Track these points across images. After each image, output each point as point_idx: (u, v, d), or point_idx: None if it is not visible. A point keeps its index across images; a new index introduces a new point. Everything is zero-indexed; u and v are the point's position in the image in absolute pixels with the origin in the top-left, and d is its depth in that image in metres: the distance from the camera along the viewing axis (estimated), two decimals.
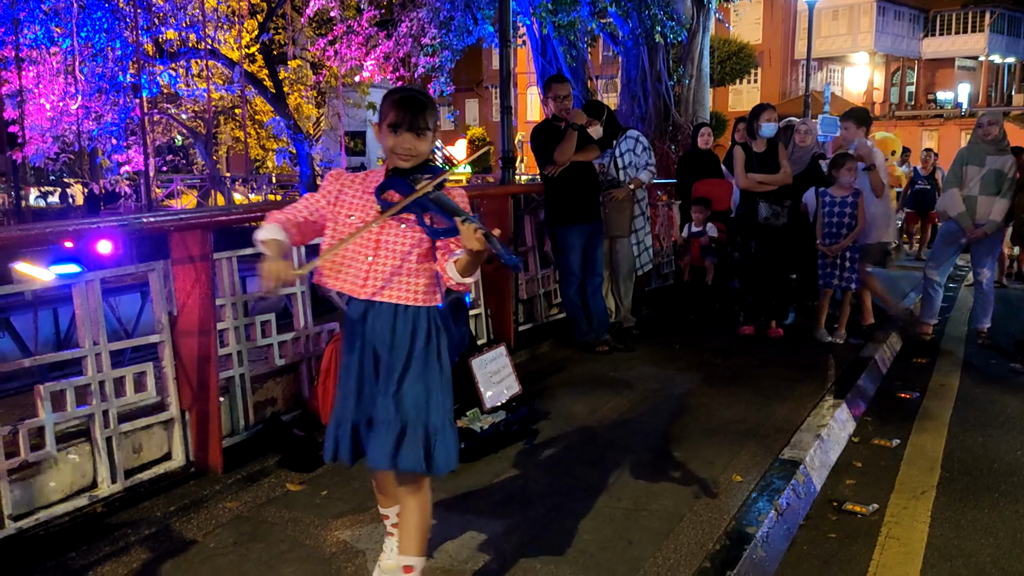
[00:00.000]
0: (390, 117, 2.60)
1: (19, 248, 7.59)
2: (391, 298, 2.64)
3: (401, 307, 2.64)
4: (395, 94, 2.67)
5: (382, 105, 2.68)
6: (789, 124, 7.72)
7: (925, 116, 38.61)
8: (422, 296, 2.66)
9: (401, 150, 2.60)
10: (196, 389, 3.90)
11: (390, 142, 2.61)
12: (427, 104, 2.63)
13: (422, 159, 2.64)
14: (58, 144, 21.87)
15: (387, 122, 2.61)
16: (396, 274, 2.63)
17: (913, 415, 5.24)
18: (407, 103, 2.60)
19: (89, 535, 3.38)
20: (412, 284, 2.65)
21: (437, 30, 17.46)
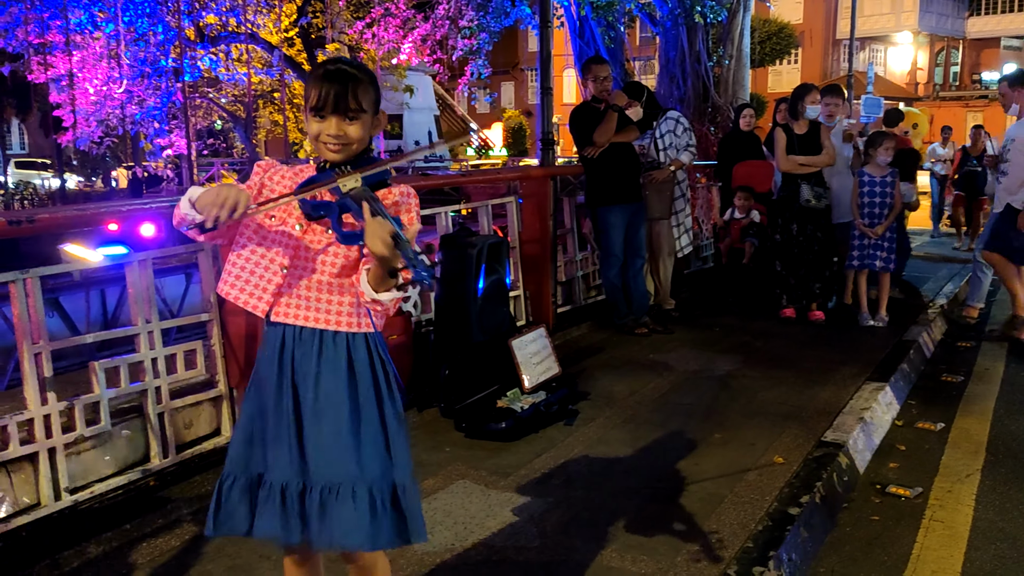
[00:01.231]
0: (312, 98, 2.04)
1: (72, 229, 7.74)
2: (314, 322, 2.09)
3: (329, 334, 2.09)
4: (318, 68, 2.09)
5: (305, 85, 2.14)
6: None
7: (970, 97, 37.79)
8: (350, 320, 2.10)
9: (326, 137, 2.04)
10: (243, 367, 3.98)
11: (314, 128, 2.05)
12: (359, 78, 2.05)
13: (358, 148, 2.08)
14: (102, 128, 22.24)
15: (309, 105, 2.05)
16: (320, 291, 2.08)
17: (958, 399, 5.19)
18: (331, 76, 2.03)
19: (142, 507, 3.48)
20: (332, 304, 2.09)
21: (474, 12, 17.44)
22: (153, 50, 20.70)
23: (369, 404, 2.12)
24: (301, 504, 2.09)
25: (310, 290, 2.09)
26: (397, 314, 4.84)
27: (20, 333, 3.27)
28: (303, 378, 2.10)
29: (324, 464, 2.08)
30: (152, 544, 3.20)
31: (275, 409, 2.12)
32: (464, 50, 18.11)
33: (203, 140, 29.61)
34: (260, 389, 2.16)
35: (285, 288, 2.09)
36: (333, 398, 2.09)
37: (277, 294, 2.09)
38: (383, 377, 2.15)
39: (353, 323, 2.10)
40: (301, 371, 2.10)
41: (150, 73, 20.97)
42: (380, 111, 2.13)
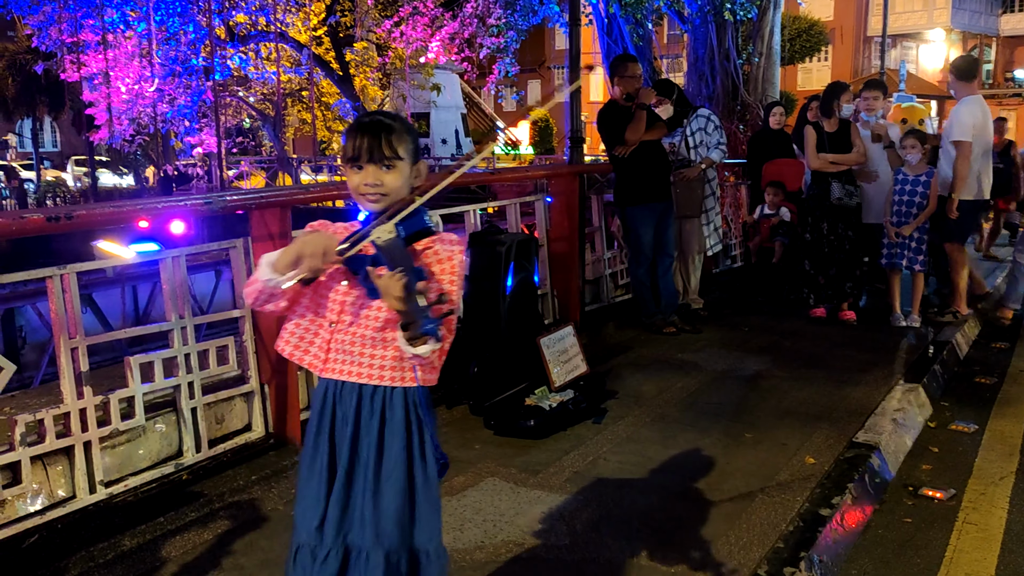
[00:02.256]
0: (348, 150, 2.04)
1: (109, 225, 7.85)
2: (356, 376, 2.06)
3: (368, 388, 2.06)
4: (354, 122, 2.10)
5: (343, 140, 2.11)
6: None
7: (1003, 95, 37.22)
8: (393, 374, 2.05)
9: (364, 188, 2.03)
10: (275, 363, 4.01)
11: (354, 180, 2.04)
12: (393, 127, 2.04)
13: (396, 196, 2.03)
14: (133, 126, 22.51)
15: (346, 157, 2.05)
16: (363, 345, 2.05)
17: (992, 400, 5.12)
18: (365, 128, 2.03)
19: (176, 501, 3.51)
20: (375, 358, 2.05)
21: (502, 10, 17.45)
22: (184, 49, 20.93)
23: (398, 465, 2.06)
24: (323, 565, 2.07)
25: (354, 344, 2.06)
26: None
27: (57, 328, 3.32)
28: (341, 437, 2.08)
29: (347, 525, 2.06)
30: (185, 537, 3.24)
31: (310, 466, 2.10)
32: (492, 48, 18.15)
33: (232, 138, 29.88)
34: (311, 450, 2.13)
35: (333, 343, 2.07)
36: (363, 457, 2.06)
37: (326, 349, 2.07)
38: (417, 438, 2.08)
39: (396, 377, 2.05)
40: (339, 429, 2.08)
41: (181, 72, 21.21)
42: (420, 161, 2.11)
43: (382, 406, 2.06)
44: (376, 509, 2.05)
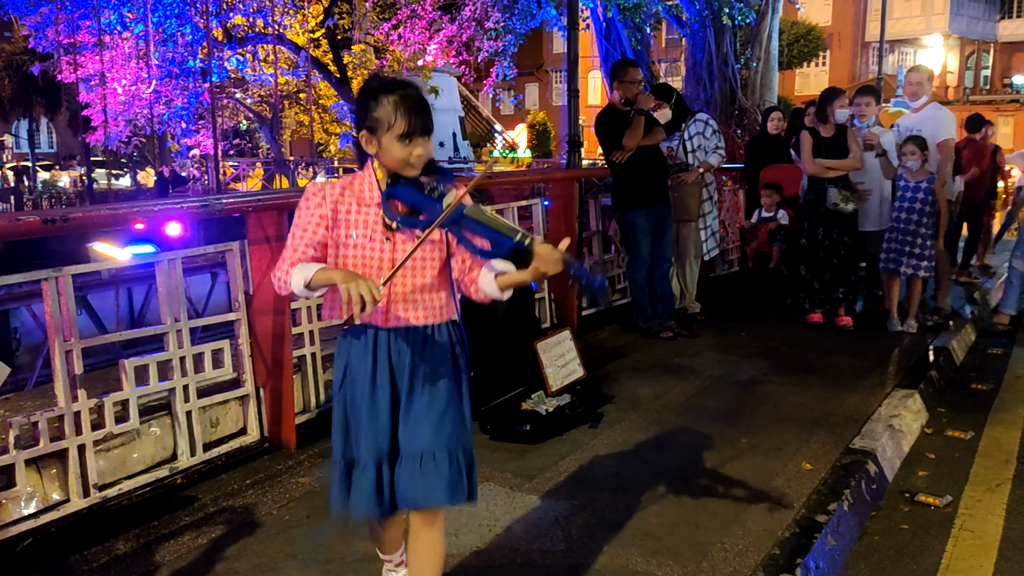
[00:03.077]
0: (401, 126, 2.20)
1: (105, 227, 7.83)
2: (414, 320, 2.34)
3: (422, 328, 2.36)
4: (390, 94, 2.23)
5: (373, 109, 2.24)
6: None
7: (1000, 101, 37.33)
8: (444, 311, 2.39)
9: (415, 159, 2.23)
10: (270, 366, 4.00)
11: (401, 152, 2.22)
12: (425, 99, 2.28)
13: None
14: (130, 128, 22.48)
15: (395, 132, 2.21)
16: (415, 292, 2.33)
17: (988, 407, 5.12)
18: (415, 104, 2.23)
19: (170, 505, 3.50)
20: (433, 301, 2.36)
21: (500, 14, 17.46)
22: (181, 51, 20.92)
23: (452, 383, 2.40)
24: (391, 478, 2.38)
25: (405, 293, 2.33)
26: None
27: (52, 330, 3.31)
28: (400, 371, 2.37)
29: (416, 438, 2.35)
30: (179, 542, 3.22)
31: (370, 401, 2.37)
32: (490, 51, 18.14)
33: (229, 140, 29.86)
34: (353, 385, 2.40)
35: (392, 297, 2.33)
36: (425, 383, 2.37)
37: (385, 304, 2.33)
38: (462, 358, 2.45)
39: (441, 315, 2.40)
40: (398, 365, 2.37)
41: (178, 73, 21.19)
42: None
43: (435, 339, 2.39)
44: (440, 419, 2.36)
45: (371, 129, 2.26)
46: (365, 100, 2.28)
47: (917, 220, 6.31)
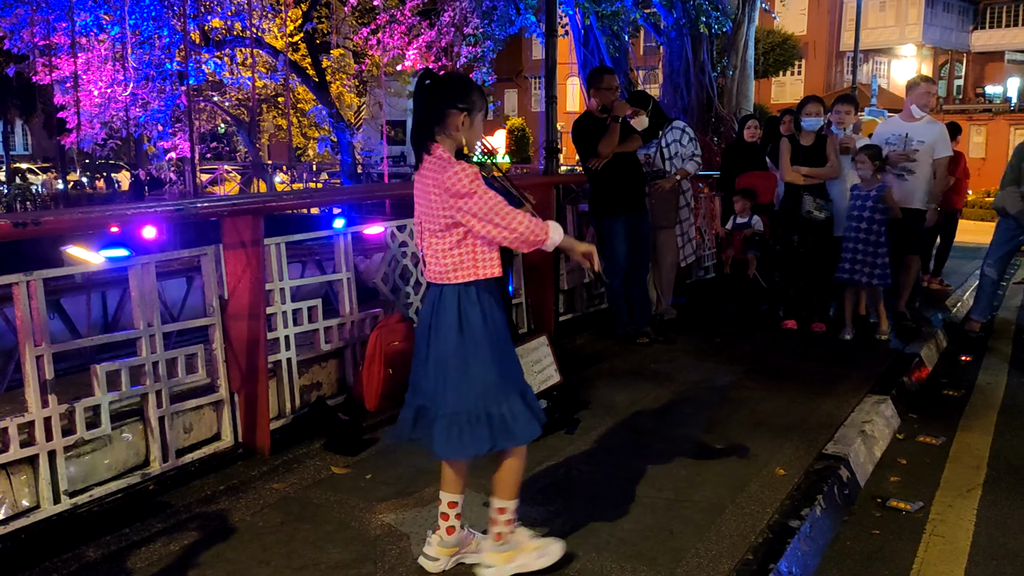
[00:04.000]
0: (485, 106, 2.89)
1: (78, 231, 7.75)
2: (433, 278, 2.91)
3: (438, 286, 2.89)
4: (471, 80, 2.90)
5: (472, 94, 2.82)
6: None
7: (973, 110, 37.84)
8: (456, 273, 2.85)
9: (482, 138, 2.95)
10: (245, 372, 3.98)
11: (481, 131, 2.91)
12: None
13: None
14: (106, 130, 22.29)
15: (482, 114, 2.88)
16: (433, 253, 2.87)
17: (959, 413, 5.18)
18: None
19: (142, 512, 3.47)
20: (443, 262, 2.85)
21: (479, 20, 17.48)
22: (158, 53, 20.77)
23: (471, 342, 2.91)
24: None
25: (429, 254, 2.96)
26: (400, 321, 4.84)
27: (23, 335, 3.27)
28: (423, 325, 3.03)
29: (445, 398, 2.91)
30: (151, 549, 3.19)
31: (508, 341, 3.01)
32: (469, 57, 18.15)
33: (206, 143, 29.68)
34: (497, 328, 2.95)
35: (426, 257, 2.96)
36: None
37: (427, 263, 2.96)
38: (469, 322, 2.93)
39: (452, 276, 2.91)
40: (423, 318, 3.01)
41: (155, 76, 21.04)
42: None
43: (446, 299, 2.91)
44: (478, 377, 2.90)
45: (469, 110, 2.81)
46: (465, 87, 2.85)
47: (867, 228, 6.30)
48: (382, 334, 4.66)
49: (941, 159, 6.65)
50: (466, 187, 2.74)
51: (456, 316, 2.84)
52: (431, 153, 2.84)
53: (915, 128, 6.65)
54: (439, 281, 2.89)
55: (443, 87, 2.85)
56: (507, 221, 2.77)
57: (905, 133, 6.63)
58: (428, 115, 2.83)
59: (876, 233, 6.28)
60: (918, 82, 6.90)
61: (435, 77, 2.86)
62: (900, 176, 6.57)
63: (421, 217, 2.93)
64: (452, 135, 2.83)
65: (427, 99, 2.84)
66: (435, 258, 2.88)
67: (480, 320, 2.84)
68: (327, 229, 4.85)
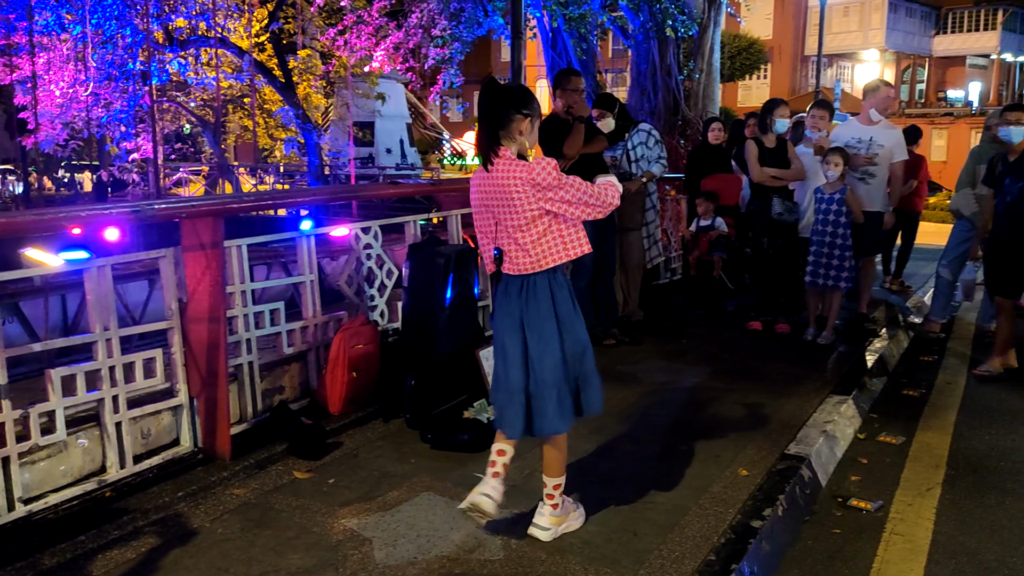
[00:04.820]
0: (540, 116, 3.23)
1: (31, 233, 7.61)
2: None
3: None
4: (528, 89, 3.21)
5: (533, 101, 3.13)
6: (800, 121, 7.69)
7: (935, 114, 38.48)
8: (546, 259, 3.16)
9: None
10: (205, 376, 3.92)
11: (537, 138, 3.23)
12: None
13: None
14: (67, 131, 21.93)
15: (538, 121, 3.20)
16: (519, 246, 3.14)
17: (919, 413, 5.24)
18: None
19: (98, 519, 3.41)
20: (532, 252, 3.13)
21: (447, 21, 17.44)
22: (121, 53, 20.46)
23: None
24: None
25: None
26: (364, 324, 4.81)
27: None
28: None
29: None
30: (107, 556, 3.14)
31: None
32: (436, 59, 18.09)
33: (171, 144, 29.31)
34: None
35: None
36: None
37: None
38: None
39: None
40: None
41: (117, 76, 20.72)
42: None
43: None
44: None
45: (531, 116, 3.12)
46: (526, 95, 3.14)
47: (832, 232, 6.37)
48: (346, 337, 4.62)
49: (898, 163, 6.75)
50: (554, 179, 3.04)
51: (549, 299, 3.14)
52: (499, 155, 3.08)
53: (875, 132, 6.73)
54: (529, 271, 3.12)
55: (508, 94, 3.14)
56: (595, 197, 3.11)
57: (870, 137, 6.70)
58: (494, 120, 3.09)
59: (841, 236, 6.35)
60: (878, 86, 6.98)
61: (500, 86, 3.15)
62: (862, 179, 6.64)
63: (497, 216, 3.12)
64: (516, 139, 3.10)
65: (493, 105, 3.10)
66: (522, 250, 3.10)
67: (568, 297, 3.19)
68: (293, 231, 4.80)
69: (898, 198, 6.92)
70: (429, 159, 36.04)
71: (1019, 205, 5.62)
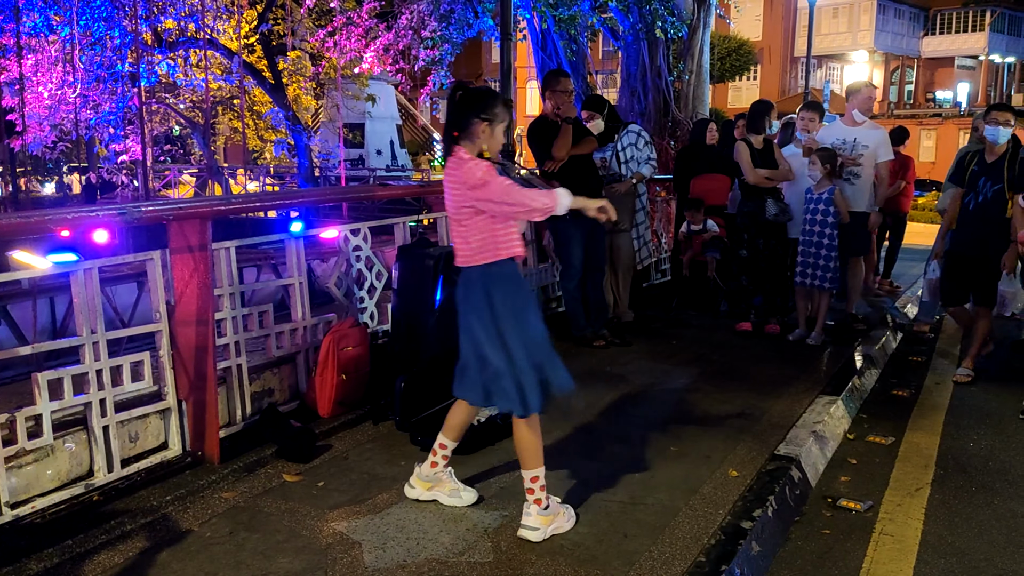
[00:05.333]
0: (508, 118, 3.33)
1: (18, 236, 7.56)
2: None
3: None
4: (500, 98, 3.32)
5: (496, 107, 3.26)
6: (789, 122, 7.71)
7: (924, 115, 38.66)
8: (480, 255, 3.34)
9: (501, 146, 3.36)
10: (193, 379, 3.90)
11: (502, 140, 3.34)
12: None
13: None
14: (55, 132, 21.80)
15: (504, 125, 3.31)
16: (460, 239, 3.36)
17: (908, 413, 5.26)
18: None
19: (85, 523, 3.38)
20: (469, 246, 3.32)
21: (437, 23, 17.42)
22: (110, 54, 20.36)
23: None
24: None
25: None
26: (354, 326, 4.79)
27: None
28: None
29: None
30: (95, 561, 3.12)
31: None
32: (427, 60, 18.06)
33: (160, 146, 29.19)
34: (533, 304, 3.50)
35: None
36: None
37: None
38: None
39: None
40: None
41: (106, 78, 20.62)
42: None
43: None
44: None
45: (490, 121, 3.25)
46: (488, 100, 3.28)
47: (820, 232, 6.39)
48: (335, 339, 4.61)
49: (883, 163, 6.77)
50: (479, 179, 3.19)
51: (482, 293, 3.29)
52: (453, 155, 3.29)
53: (859, 133, 6.76)
54: (467, 264, 3.32)
55: (470, 99, 3.29)
56: (518, 199, 3.20)
57: (854, 138, 6.72)
58: (454, 122, 3.28)
59: (828, 236, 6.37)
60: (860, 87, 7.03)
61: (466, 89, 3.32)
62: (847, 180, 6.67)
63: (448, 210, 3.36)
64: (475, 141, 3.28)
65: (454, 108, 3.29)
66: (464, 243, 3.31)
67: (513, 291, 3.31)
68: (283, 233, 4.79)
69: (884, 198, 6.94)
70: (419, 160, 36.00)
71: (992, 207, 5.56)
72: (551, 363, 3.37)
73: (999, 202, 5.53)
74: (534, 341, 3.35)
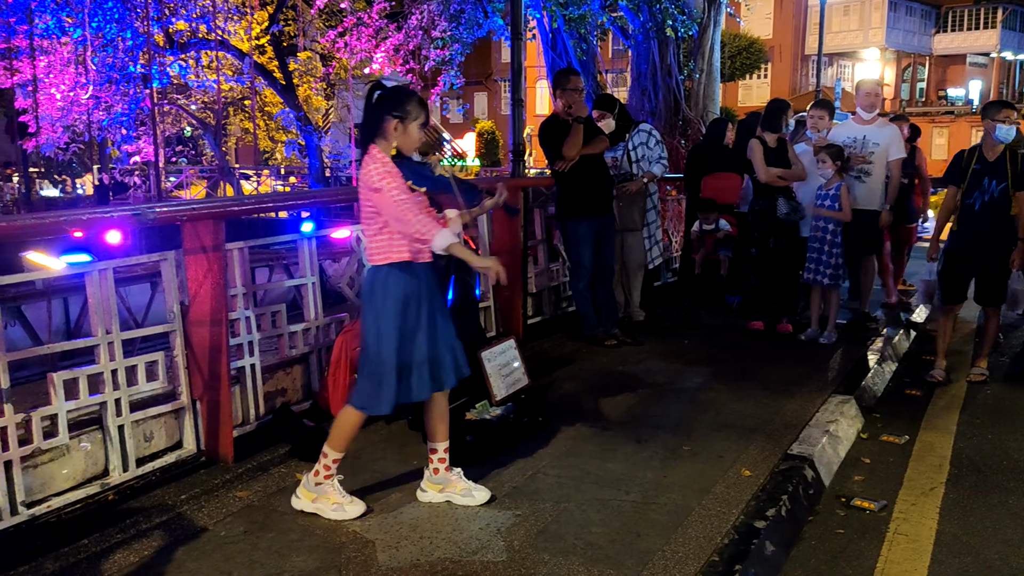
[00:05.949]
0: (422, 117, 3.32)
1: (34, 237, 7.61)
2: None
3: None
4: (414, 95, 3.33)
5: (408, 104, 3.28)
6: (800, 120, 7.68)
7: (936, 113, 38.45)
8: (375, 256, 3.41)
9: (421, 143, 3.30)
10: (207, 378, 3.92)
11: (418, 136, 3.32)
12: None
13: None
14: (68, 134, 21.95)
15: (419, 122, 3.31)
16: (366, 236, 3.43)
17: (922, 412, 5.23)
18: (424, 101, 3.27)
19: (101, 522, 3.41)
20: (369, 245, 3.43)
21: (447, 23, 17.43)
22: (121, 56, 20.48)
23: None
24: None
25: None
26: None
27: None
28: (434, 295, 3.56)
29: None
30: (111, 560, 3.14)
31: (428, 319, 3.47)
32: (437, 60, 18.08)
33: (172, 147, 29.34)
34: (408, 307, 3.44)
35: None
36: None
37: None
38: None
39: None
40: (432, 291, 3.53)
41: (118, 79, 20.74)
42: None
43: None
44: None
45: (402, 118, 3.29)
46: (401, 97, 3.31)
47: (824, 227, 6.38)
48: (347, 339, 4.61)
49: (895, 160, 6.74)
50: (376, 182, 3.25)
51: (369, 291, 3.39)
52: (367, 152, 3.34)
53: (868, 131, 6.73)
54: (368, 262, 3.43)
55: (382, 97, 3.34)
56: (401, 215, 3.24)
57: (863, 135, 6.70)
58: (368, 120, 3.36)
59: (831, 232, 6.36)
60: (859, 85, 7.04)
61: (383, 89, 3.37)
62: (858, 178, 6.64)
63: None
64: (388, 139, 3.34)
65: (369, 107, 3.36)
66: (368, 241, 3.41)
67: (382, 297, 3.35)
68: (295, 233, 4.81)
69: (895, 196, 6.90)
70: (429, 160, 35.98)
71: (999, 205, 5.51)
72: (381, 381, 3.40)
73: (1006, 200, 5.50)
74: (376, 354, 3.39)
